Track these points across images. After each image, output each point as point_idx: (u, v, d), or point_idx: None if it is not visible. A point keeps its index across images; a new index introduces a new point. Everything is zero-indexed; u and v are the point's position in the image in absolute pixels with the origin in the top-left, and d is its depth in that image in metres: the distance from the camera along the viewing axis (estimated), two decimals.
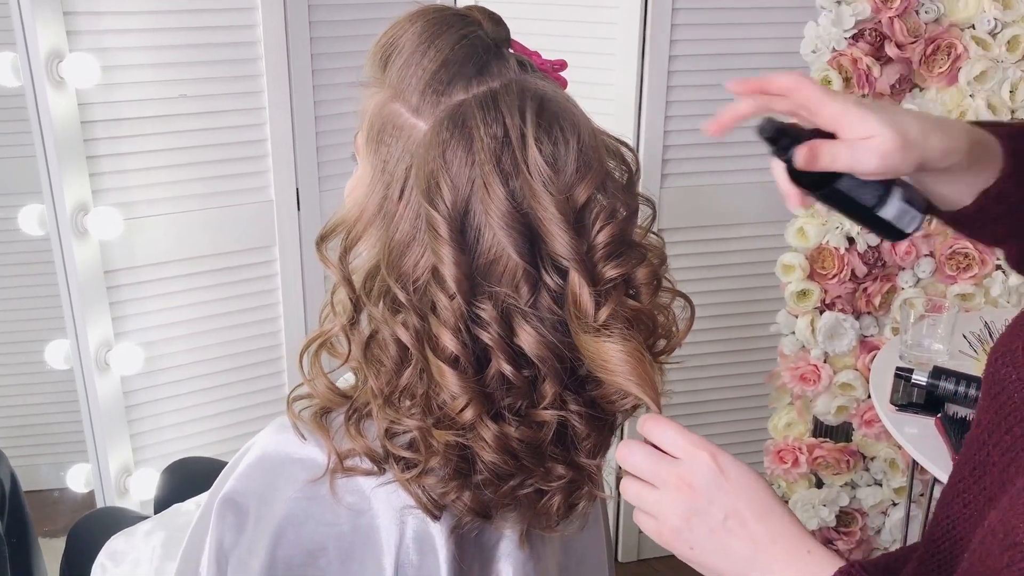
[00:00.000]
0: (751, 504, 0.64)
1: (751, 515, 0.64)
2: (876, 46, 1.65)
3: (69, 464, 1.84)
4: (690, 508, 0.64)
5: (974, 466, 0.71)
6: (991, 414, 0.70)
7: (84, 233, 1.56)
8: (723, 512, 0.64)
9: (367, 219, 0.74)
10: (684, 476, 0.65)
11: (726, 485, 0.64)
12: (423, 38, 0.73)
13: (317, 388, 0.77)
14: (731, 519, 0.64)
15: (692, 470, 0.65)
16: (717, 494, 0.64)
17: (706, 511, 0.64)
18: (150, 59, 1.58)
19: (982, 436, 0.71)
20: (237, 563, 0.80)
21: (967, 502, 0.72)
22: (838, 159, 0.67)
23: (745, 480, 0.65)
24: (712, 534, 0.64)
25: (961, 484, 0.72)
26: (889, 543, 1.95)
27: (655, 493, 0.66)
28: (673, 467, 0.65)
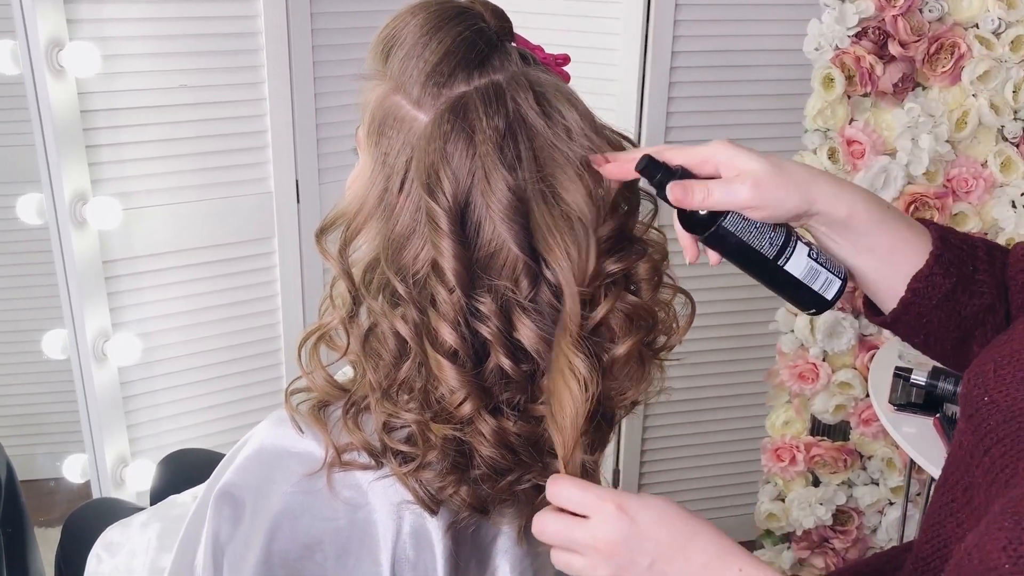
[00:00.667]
0: (670, 541, 0.64)
1: (673, 552, 0.64)
2: (879, 44, 1.64)
3: (65, 454, 1.83)
4: (616, 565, 0.65)
5: (965, 487, 0.71)
6: (970, 436, 0.70)
7: (83, 223, 1.56)
8: (647, 558, 0.64)
9: (367, 212, 0.73)
10: (598, 535, 0.65)
11: (639, 531, 0.64)
12: (425, 30, 0.73)
13: (315, 381, 0.76)
14: (657, 562, 0.64)
15: (604, 527, 0.65)
16: (634, 543, 0.64)
17: (632, 563, 0.64)
18: (151, 49, 1.57)
19: (966, 457, 0.71)
20: (233, 556, 0.80)
21: (960, 522, 0.72)
22: (711, 194, 0.67)
23: (657, 519, 0.65)
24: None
25: (953, 505, 0.72)
26: (885, 542, 1.95)
27: (580, 559, 0.66)
28: (586, 529, 0.65)
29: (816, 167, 0.70)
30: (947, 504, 0.72)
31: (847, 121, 1.68)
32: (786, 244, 0.69)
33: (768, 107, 1.88)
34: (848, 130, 1.67)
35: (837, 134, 1.69)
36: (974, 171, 1.70)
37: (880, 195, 1.68)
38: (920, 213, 1.70)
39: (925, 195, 1.68)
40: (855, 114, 1.68)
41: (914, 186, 1.69)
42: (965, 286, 0.73)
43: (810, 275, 0.70)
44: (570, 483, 0.67)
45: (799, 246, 0.70)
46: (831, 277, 0.71)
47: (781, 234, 0.70)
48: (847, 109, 1.67)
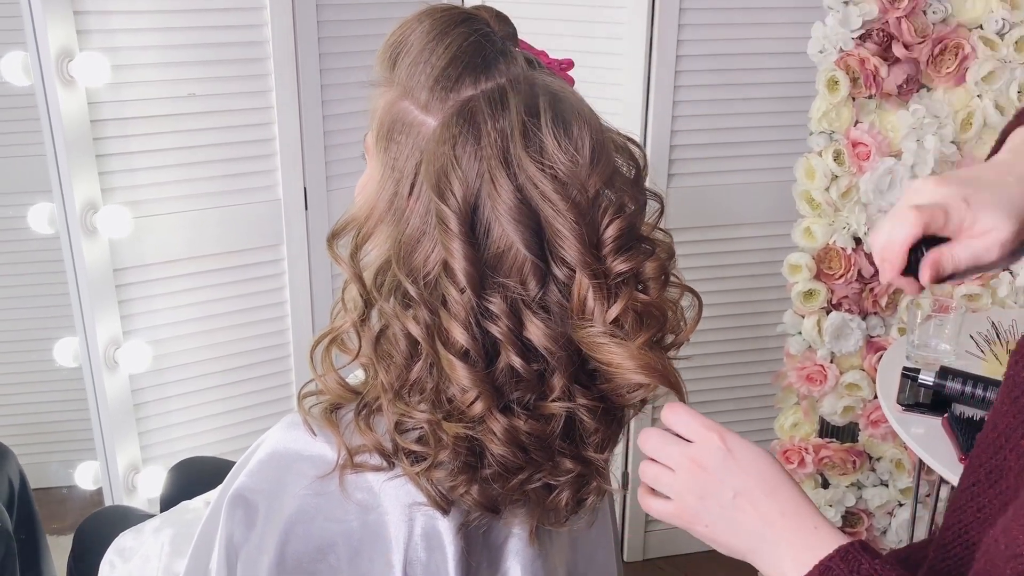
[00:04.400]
0: (759, 482, 0.67)
1: (759, 493, 0.66)
2: (883, 46, 1.64)
3: (77, 461, 1.84)
4: (702, 487, 0.68)
5: (989, 470, 0.71)
6: (1010, 418, 0.70)
7: (93, 231, 1.57)
8: (732, 491, 0.67)
9: (377, 216, 0.74)
10: (695, 457, 0.68)
11: (734, 465, 0.67)
12: (431, 36, 0.74)
13: (328, 384, 0.77)
14: (740, 497, 0.67)
15: (702, 451, 0.68)
16: (726, 474, 0.67)
17: (717, 490, 0.67)
18: (159, 58, 1.59)
19: (999, 440, 0.71)
20: (247, 559, 0.81)
21: (981, 506, 0.72)
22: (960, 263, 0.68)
23: (753, 459, 0.67)
24: (724, 511, 0.67)
25: (975, 488, 0.72)
26: (895, 543, 1.94)
27: (670, 475, 0.69)
28: (686, 449, 0.69)
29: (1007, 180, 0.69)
30: (969, 488, 0.72)
31: (852, 123, 1.69)
32: None
33: (773, 110, 1.89)
34: (853, 132, 1.68)
35: (842, 136, 1.69)
36: None
37: (886, 197, 1.68)
38: None
39: None
40: (860, 116, 1.69)
41: None
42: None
43: None
44: (683, 409, 0.71)
45: None
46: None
47: None
48: (852, 111, 1.68)
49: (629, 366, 0.71)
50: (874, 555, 0.63)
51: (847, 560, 0.62)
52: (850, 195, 1.71)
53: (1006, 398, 0.72)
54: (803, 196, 1.75)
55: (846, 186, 1.70)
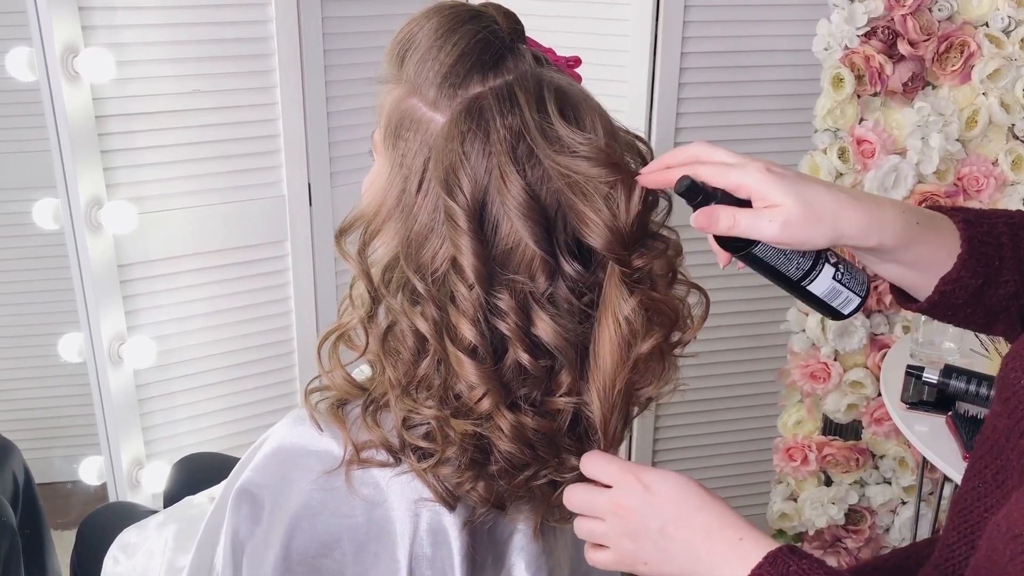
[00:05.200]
0: (679, 510, 0.69)
1: (682, 520, 0.69)
2: (889, 44, 1.64)
3: (82, 456, 1.85)
4: (631, 529, 0.70)
5: (996, 470, 0.71)
6: (1004, 419, 0.71)
7: (98, 227, 1.57)
8: (658, 524, 0.69)
9: (386, 213, 0.74)
10: (618, 502, 0.71)
11: (653, 499, 0.69)
12: (439, 33, 0.74)
13: (335, 380, 0.77)
14: (666, 527, 0.69)
15: (622, 495, 0.70)
16: (648, 510, 0.69)
17: (644, 527, 0.70)
18: (164, 54, 1.59)
19: (1000, 441, 0.71)
20: (252, 554, 0.81)
21: (988, 506, 0.72)
22: (738, 225, 0.68)
23: (669, 489, 0.69)
24: (655, 546, 0.69)
25: (982, 488, 0.72)
26: (898, 541, 1.94)
27: (601, 524, 0.72)
28: (608, 496, 0.71)
29: (846, 190, 0.70)
30: (975, 488, 0.73)
31: (857, 120, 1.68)
32: (812, 268, 0.72)
33: (778, 107, 1.89)
34: (858, 129, 1.68)
35: (847, 133, 1.69)
36: (985, 169, 1.70)
37: (891, 194, 1.68)
38: None
39: (936, 194, 1.68)
40: (865, 113, 1.69)
41: (925, 185, 1.69)
42: (991, 281, 0.74)
43: (831, 294, 0.73)
44: (598, 456, 0.73)
45: (825, 268, 0.72)
46: (851, 296, 0.73)
47: (809, 258, 0.72)
48: (857, 109, 1.67)
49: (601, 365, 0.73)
50: (802, 556, 0.65)
51: (776, 564, 0.64)
52: None
53: (999, 400, 0.72)
54: None
55: (851, 184, 1.70)
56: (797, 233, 0.67)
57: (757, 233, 0.68)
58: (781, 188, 0.67)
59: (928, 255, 0.72)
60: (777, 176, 0.68)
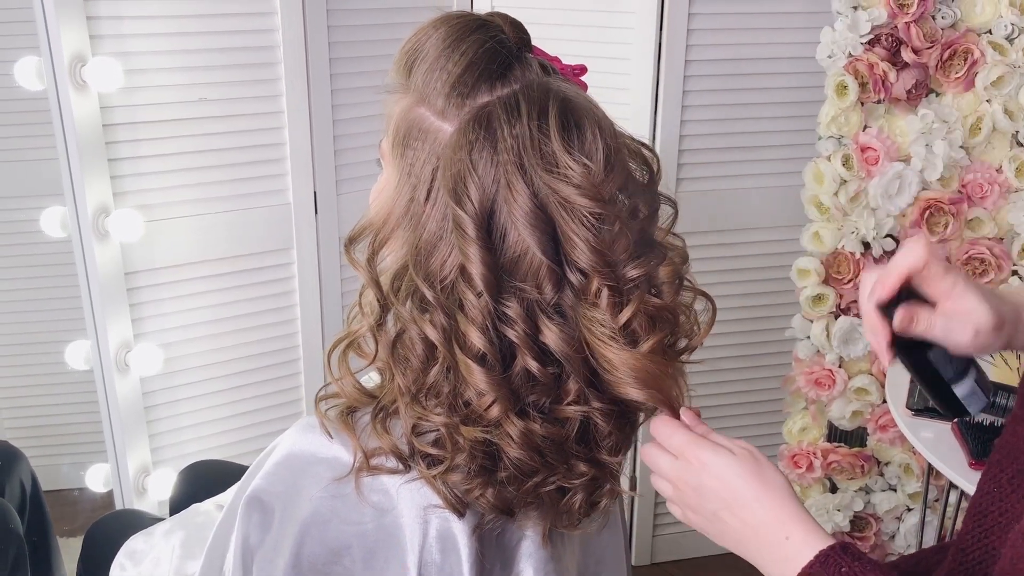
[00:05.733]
0: (732, 496, 0.71)
1: (734, 507, 0.71)
2: (892, 51, 1.65)
3: (88, 464, 1.85)
4: (688, 502, 0.74)
5: (1012, 475, 0.71)
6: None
7: (105, 235, 1.58)
8: (712, 506, 0.72)
9: (394, 221, 0.75)
10: (678, 475, 0.74)
11: (708, 483, 0.72)
12: (447, 43, 0.74)
13: (344, 388, 0.78)
14: (720, 512, 0.72)
15: (683, 469, 0.73)
16: (703, 492, 0.72)
17: (700, 506, 0.73)
18: (171, 63, 1.60)
19: (1018, 445, 0.72)
20: (262, 562, 0.81)
21: (1004, 510, 0.73)
22: (933, 328, 0.71)
23: (725, 477, 0.71)
24: (710, 524, 0.73)
25: (998, 492, 0.73)
26: (904, 548, 1.94)
27: (669, 487, 0.75)
28: (670, 466, 0.74)
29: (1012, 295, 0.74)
30: (990, 493, 0.73)
31: (861, 128, 1.69)
32: (964, 371, 0.74)
33: (782, 115, 1.89)
34: (862, 137, 1.68)
35: (851, 141, 1.69)
36: (989, 176, 1.70)
37: (894, 202, 1.69)
38: (935, 219, 1.70)
39: (940, 201, 1.68)
40: (869, 121, 1.69)
41: (929, 192, 1.70)
42: None
43: (969, 397, 0.75)
44: (665, 424, 0.75)
45: (971, 371, 0.75)
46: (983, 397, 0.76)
47: (963, 361, 0.74)
48: (861, 116, 1.68)
49: (627, 376, 0.72)
50: (855, 557, 0.65)
51: (827, 565, 0.64)
52: (859, 200, 1.72)
53: (1020, 405, 0.72)
54: (812, 201, 1.75)
55: (855, 191, 1.71)
56: (983, 341, 0.70)
57: (951, 337, 0.71)
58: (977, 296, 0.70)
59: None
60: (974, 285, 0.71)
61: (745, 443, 0.74)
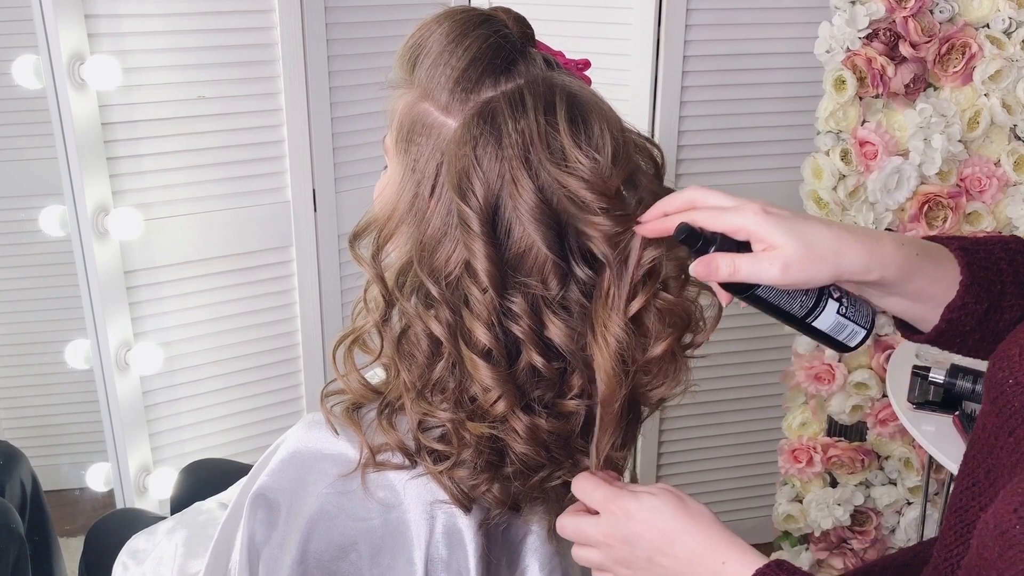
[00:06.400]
0: (662, 536, 0.70)
1: (667, 548, 0.70)
2: (890, 46, 1.65)
3: (89, 463, 1.85)
4: (622, 558, 0.72)
5: (988, 469, 0.72)
6: (994, 418, 0.71)
7: (104, 234, 1.57)
8: (645, 553, 0.71)
9: (398, 217, 0.75)
10: (606, 531, 0.72)
11: (636, 528, 0.71)
12: (450, 38, 0.74)
13: (350, 384, 0.78)
14: (654, 556, 0.70)
15: (609, 524, 0.72)
16: (634, 541, 0.71)
17: (633, 556, 0.71)
18: (169, 61, 1.59)
19: (990, 440, 0.72)
20: (268, 558, 0.81)
21: (983, 505, 0.73)
22: (739, 271, 0.68)
23: (649, 517, 0.71)
24: (648, 571, 0.71)
25: (976, 488, 0.73)
26: (904, 542, 1.95)
27: (597, 553, 0.73)
28: (596, 527, 0.73)
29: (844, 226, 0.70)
30: (969, 488, 0.73)
31: (859, 122, 1.69)
32: (816, 304, 0.72)
33: (780, 110, 1.89)
34: (860, 131, 1.68)
35: (849, 135, 1.69)
36: (987, 170, 1.71)
37: (893, 196, 1.69)
38: (934, 213, 1.71)
39: (938, 195, 1.69)
40: (867, 115, 1.69)
41: (927, 186, 1.70)
42: (995, 306, 0.75)
43: (837, 329, 0.73)
44: (586, 481, 0.74)
45: (829, 303, 0.72)
46: (856, 329, 0.74)
47: (812, 296, 0.72)
48: (859, 110, 1.68)
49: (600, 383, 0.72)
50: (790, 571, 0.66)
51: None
52: (858, 194, 1.72)
53: (987, 399, 0.73)
54: (810, 196, 1.75)
55: (854, 185, 1.71)
56: (799, 274, 0.67)
57: (758, 278, 0.68)
58: (779, 229, 0.67)
59: (929, 286, 0.73)
60: (775, 217, 0.68)
61: (663, 484, 0.74)
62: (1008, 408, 0.69)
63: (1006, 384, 0.70)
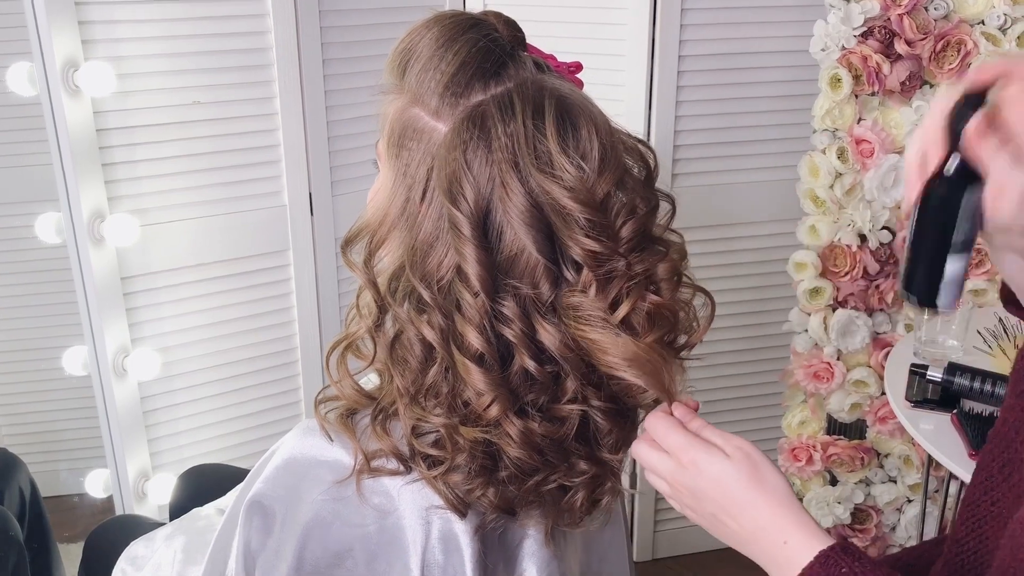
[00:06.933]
0: (729, 501, 0.70)
1: (732, 511, 0.70)
2: (885, 43, 1.65)
3: (88, 470, 1.85)
4: (688, 503, 0.73)
5: (1003, 463, 0.71)
6: (1018, 412, 0.71)
7: (100, 240, 1.57)
8: (710, 509, 0.71)
9: (390, 222, 0.75)
10: (674, 476, 0.73)
11: (703, 485, 0.71)
12: (440, 43, 0.74)
13: (344, 390, 0.78)
14: (718, 515, 0.71)
15: (677, 471, 0.73)
16: (699, 495, 0.71)
17: (698, 506, 0.72)
18: (164, 67, 1.59)
19: (1009, 433, 0.71)
20: (264, 565, 0.81)
21: (995, 500, 0.72)
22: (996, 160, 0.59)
23: (717, 477, 0.70)
24: (711, 524, 0.73)
25: (989, 482, 0.73)
26: (904, 540, 1.94)
27: (664, 484, 0.75)
28: (664, 466, 0.73)
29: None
30: (983, 483, 0.73)
31: (855, 120, 1.69)
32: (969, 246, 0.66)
33: (776, 108, 1.89)
34: (857, 129, 1.68)
35: (846, 134, 1.69)
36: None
37: (890, 194, 1.69)
38: None
39: None
40: (863, 113, 1.69)
41: None
42: None
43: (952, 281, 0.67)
44: (661, 421, 0.74)
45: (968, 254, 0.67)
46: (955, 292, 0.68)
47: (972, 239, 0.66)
48: (855, 108, 1.68)
49: (619, 359, 0.71)
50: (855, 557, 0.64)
51: (827, 566, 0.64)
52: (854, 192, 1.72)
53: (1012, 393, 0.72)
54: (807, 194, 1.75)
55: (850, 183, 1.71)
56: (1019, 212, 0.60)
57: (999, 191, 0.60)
58: None
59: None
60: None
61: (742, 442, 0.72)
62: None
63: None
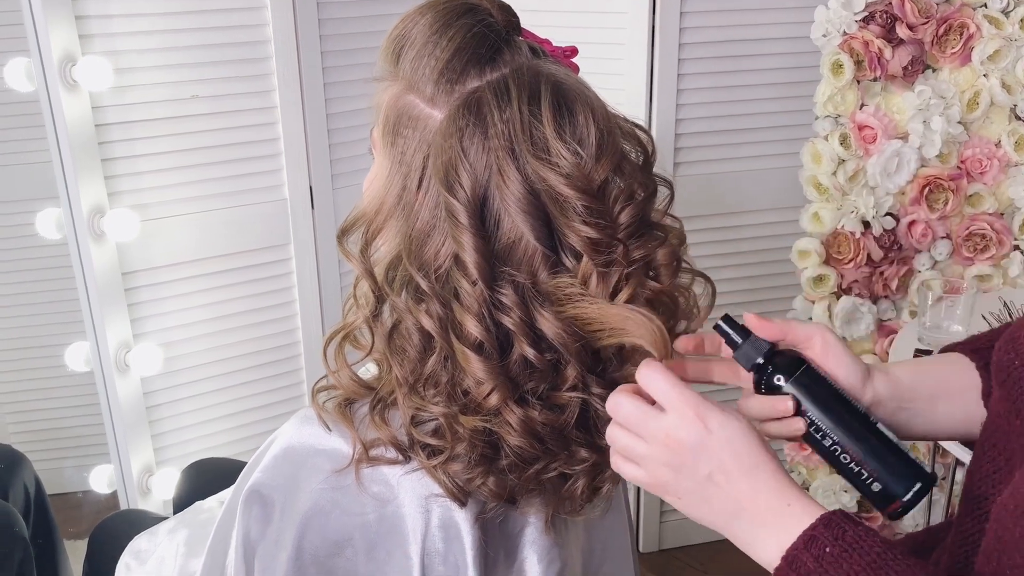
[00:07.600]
0: (735, 461, 0.65)
1: (735, 472, 0.65)
2: (887, 28, 1.64)
3: (92, 465, 1.85)
4: (677, 462, 0.66)
5: (1008, 456, 0.71)
6: (1004, 402, 0.71)
7: (101, 235, 1.57)
8: (708, 468, 0.65)
9: (387, 211, 0.74)
10: (670, 432, 0.66)
11: (711, 442, 0.65)
12: (434, 29, 0.74)
13: (341, 380, 0.77)
14: (716, 475, 0.65)
15: (678, 427, 0.66)
16: (702, 452, 0.65)
17: (692, 466, 0.66)
18: (162, 61, 1.59)
19: (1002, 424, 0.72)
20: (264, 555, 0.81)
21: (1000, 490, 0.72)
22: None
23: (730, 436, 0.66)
24: (697, 487, 0.66)
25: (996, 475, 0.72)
26: (911, 526, 1.94)
27: (643, 445, 0.67)
28: (660, 422, 0.66)
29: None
30: (989, 476, 0.72)
31: (858, 106, 1.68)
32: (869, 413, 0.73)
33: (778, 95, 1.88)
34: (859, 115, 1.67)
35: (848, 120, 1.68)
36: (988, 151, 1.69)
37: (893, 179, 1.68)
38: (935, 195, 1.69)
39: (939, 177, 1.67)
40: (865, 99, 1.68)
41: (927, 168, 1.69)
42: None
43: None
44: (661, 373, 0.67)
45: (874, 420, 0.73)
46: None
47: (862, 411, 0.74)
48: (857, 94, 1.67)
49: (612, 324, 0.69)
50: (857, 523, 0.63)
51: (830, 527, 0.63)
52: (857, 179, 1.70)
53: (996, 383, 0.73)
54: (810, 181, 1.74)
55: (853, 170, 1.70)
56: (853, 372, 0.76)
57: None
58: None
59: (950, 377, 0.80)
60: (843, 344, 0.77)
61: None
62: (1015, 390, 0.69)
63: (1012, 367, 0.70)
